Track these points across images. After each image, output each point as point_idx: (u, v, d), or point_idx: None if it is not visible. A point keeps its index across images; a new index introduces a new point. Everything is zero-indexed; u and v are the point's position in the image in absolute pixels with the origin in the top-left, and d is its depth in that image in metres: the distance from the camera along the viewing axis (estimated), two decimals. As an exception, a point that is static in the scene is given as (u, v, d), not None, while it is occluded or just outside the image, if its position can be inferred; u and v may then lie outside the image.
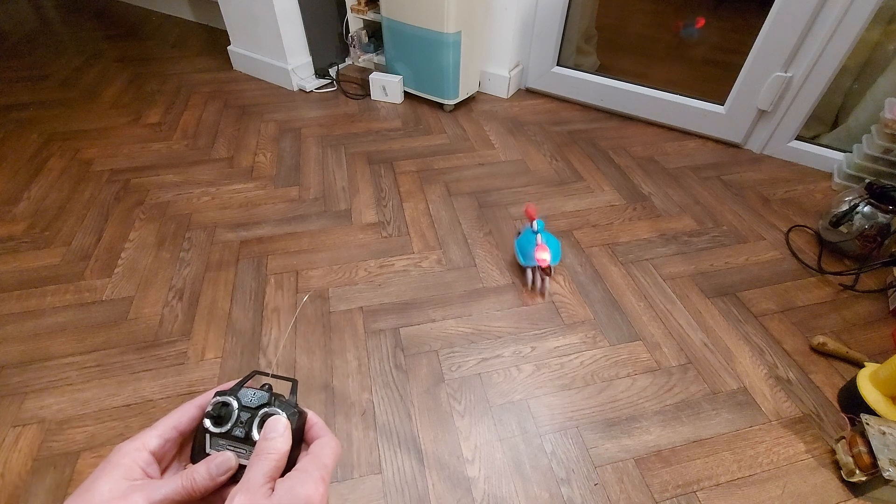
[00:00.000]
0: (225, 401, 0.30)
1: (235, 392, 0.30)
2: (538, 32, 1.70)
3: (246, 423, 0.29)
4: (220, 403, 0.30)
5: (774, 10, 1.30)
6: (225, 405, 0.30)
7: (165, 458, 0.29)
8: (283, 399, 0.31)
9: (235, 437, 0.29)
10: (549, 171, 1.45)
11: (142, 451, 0.28)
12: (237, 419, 0.29)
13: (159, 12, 2.61)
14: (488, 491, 0.75)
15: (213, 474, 0.27)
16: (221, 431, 0.29)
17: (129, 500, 0.25)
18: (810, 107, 1.39)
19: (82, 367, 0.91)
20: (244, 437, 0.29)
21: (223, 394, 0.30)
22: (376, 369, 0.92)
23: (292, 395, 0.32)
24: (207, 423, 0.29)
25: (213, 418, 0.29)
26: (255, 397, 0.30)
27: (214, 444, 0.29)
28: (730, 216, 1.29)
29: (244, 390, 0.31)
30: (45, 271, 1.10)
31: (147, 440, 0.28)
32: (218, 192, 1.35)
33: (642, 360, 0.94)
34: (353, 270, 1.11)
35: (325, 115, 1.72)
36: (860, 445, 0.74)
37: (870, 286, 1.09)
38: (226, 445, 0.29)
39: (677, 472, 0.78)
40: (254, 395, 0.30)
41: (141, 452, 0.28)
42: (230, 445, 0.29)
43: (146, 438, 0.28)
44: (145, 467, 0.27)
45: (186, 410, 0.31)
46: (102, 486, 0.26)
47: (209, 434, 0.29)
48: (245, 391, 0.30)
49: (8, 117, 1.66)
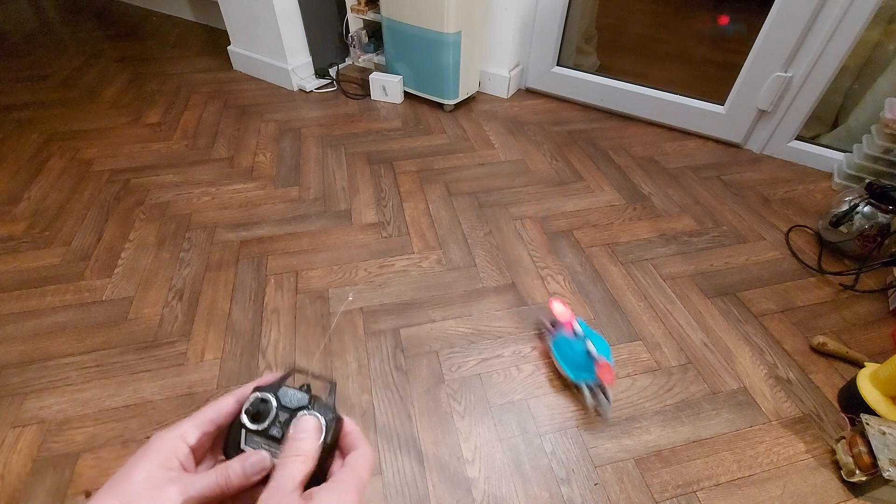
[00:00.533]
0: (264, 397, 0.29)
1: (275, 390, 0.30)
2: (538, 32, 1.70)
3: (283, 424, 0.29)
4: (259, 399, 0.29)
5: (774, 10, 1.30)
6: (264, 401, 0.29)
7: (201, 449, 0.29)
8: (322, 402, 0.30)
9: (272, 437, 0.29)
10: (549, 171, 1.45)
11: (180, 441, 0.28)
12: (275, 418, 0.29)
13: (159, 12, 2.61)
14: (488, 491, 0.75)
15: (247, 473, 0.27)
16: (258, 429, 0.29)
17: (165, 492, 0.25)
18: (810, 107, 1.39)
19: (82, 368, 0.91)
20: (280, 437, 0.29)
21: (262, 389, 0.30)
22: (376, 370, 0.92)
23: (330, 396, 0.31)
24: (245, 419, 0.29)
25: (250, 414, 0.29)
26: (295, 398, 0.30)
27: (250, 441, 0.29)
28: (730, 216, 1.29)
29: (284, 389, 0.30)
30: (45, 271, 1.10)
31: (186, 431, 0.28)
32: (218, 192, 1.35)
33: (642, 360, 0.94)
34: (353, 271, 1.11)
35: (325, 115, 1.72)
36: (860, 445, 0.74)
37: (870, 286, 1.09)
38: (261, 443, 0.29)
39: (677, 472, 0.78)
40: (293, 396, 0.30)
41: (180, 443, 0.27)
42: (265, 444, 0.29)
43: (185, 430, 0.28)
44: (183, 459, 0.27)
45: (226, 402, 0.30)
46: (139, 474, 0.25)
47: (245, 430, 0.29)
48: (285, 390, 0.30)
49: (8, 117, 1.66)
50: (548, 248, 1.18)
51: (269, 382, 0.31)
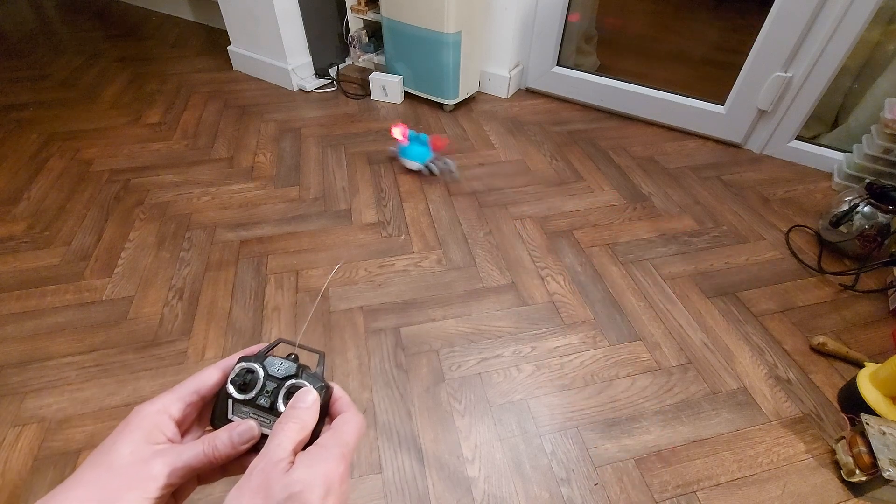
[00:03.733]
0: (251, 367, 0.29)
1: (261, 359, 0.29)
2: (538, 32, 1.70)
3: (272, 393, 0.28)
4: (245, 370, 0.29)
5: (774, 10, 1.31)
6: (250, 371, 0.29)
7: (186, 421, 0.29)
8: (310, 371, 0.30)
9: (260, 406, 0.28)
10: (549, 171, 1.45)
11: (163, 414, 0.27)
12: (262, 388, 0.28)
13: (159, 12, 2.61)
14: (488, 491, 0.75)
15: (234, 442, 0.27)
16: (246, 399, 0.28)
17: (151, 465, 0.25)
18: (810, 107, 1.39)
19: (82, 367, 0.91)
20: (269, 406, 0.28)
21: (248, 359, 0.29)
22: (376, 368, 0.92)
23: (319, 366, 0.30)
24: (231, 389, 0.28)
25: (237, 384, 0.28)
26: (283, 367, 0.29)
27: (237, 411, 0.28)
28: (730, 216, 1.29)
29: (270, 359, 0.30)
30: (45, 271, 1.10)
31: (168, 404, 0.28)
32: (218, 192, 1.35)
33: (642, 360, 0.94)
34: (354, 270, 1.11)
35: (325, 115, 1.72)
36: (860, 445, 0.74)
37: (870, 286, 1.09)
38: (249, 413, 0.28)
39: (677, 472, 0.78)
40: (280, 365, 0.29)
41: (162, 416, 0.27)
42: (253, 413, 0.28)
43: (167, 402, 0.28)
44: (167, 432, 0.27)
45: (210, 374, 0.30)
46: (123, 448, 0.25)
47: (232, 400, 0.28)
48: (271, 360, 0.29)
49: (8, 117, 1.66)
50: (548, 248, 1.18)
51: (255, 353, 0.30)
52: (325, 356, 0.32)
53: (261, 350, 0.30)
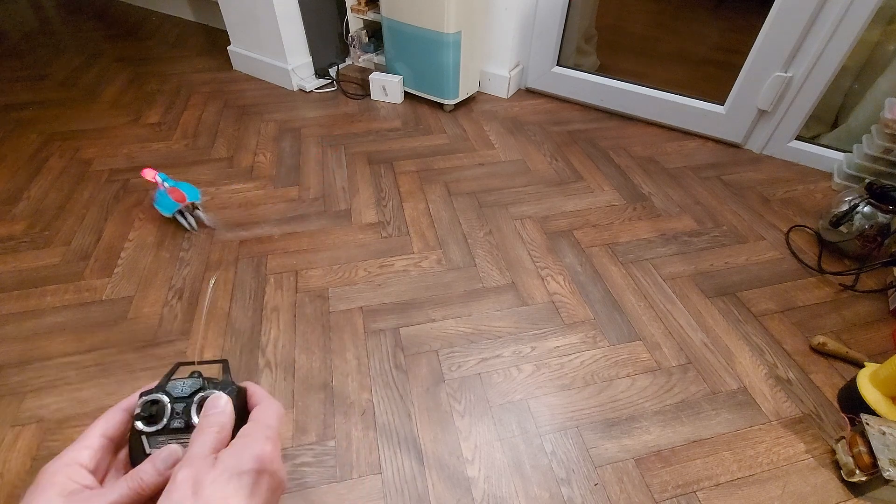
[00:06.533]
0: (154, 398, 0.29)
1: (163, 387, 0.29)
2: (538, 32, 1.70)
3: (183, 413, 0.28)
4: (148, 402, 0.28)
5: (774, 10, 1.30)
6: (154, 402, 0.28)
7: (100, 467, 0.27)
8: (217, 380, 0.30)
9: (175, 430, 0.28)
10: (549, 171, 1.45)
11: (72, 465, 0.26)
12: (172, 412, 0.28)
13: (159, 12, 2.61)
14: (488, 491, 0.75)
15: (159, 469, 0.26)
16: (158, 429, 0.28)
17: None
18: (810, 107, 1.39)
19: (81, 367, 0.91)
20: (185, 426, 0.28)
21: (149, 392, 0.29)
22: (376, 369, 0.92)
23: (225, 374, 0.30)
24: (140, 425, 0.28)
25: (144, 419, 0.28)
26: (187, 386, 0.29)
27: (154, 444, 0.28)
28: (730, 216, 1.29)
29: (172, 383, 0.29)
30: (45, 271, 1.10)
31: (76, 454, 0.26)
32: (218, 192, 1.35)
33: (642, 360, 0.94)
34: (353, 270, 1.11)
35: (325, 115, 1.72)
36: (860, 445, 0.74)
37: (870, 286, 1.09)
38: (167, 441, 0.28)
39: (677, 472, 0.78)
40: (184, 385, 0.29)
41: (72, 467, 0.26)
42: (171, 439, 0.28)
43: (74, 453, 0.26)
44: (80, 480, 0.25)
45: (112, 416, 0.29)
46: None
47: (145, 435, 0.28)
48: (174, 383, 0.29)
49: (8, 117, 1.66)
50: (548, 248, 1.18)
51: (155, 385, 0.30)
52: (227, 363, 0.32)
53: (160, 381, 0.30)
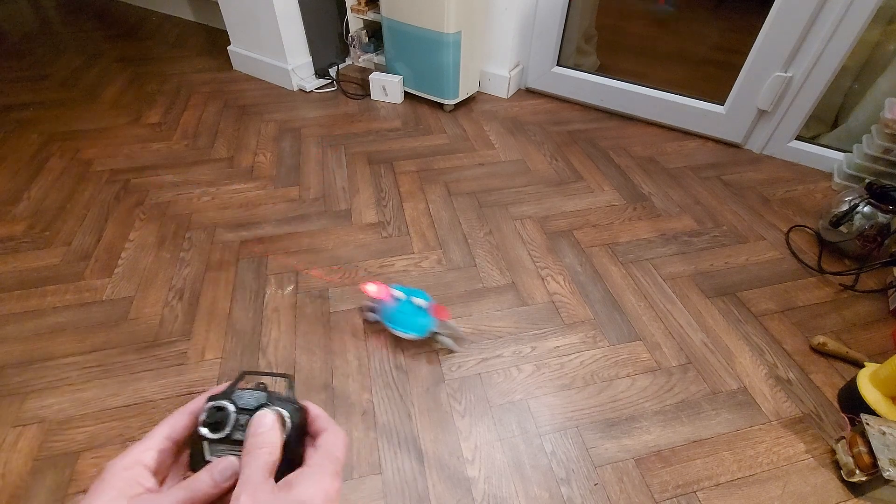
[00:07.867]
0: (220, 405, 0.29)
1: (230, 394, 0.29)
2: (538, 32, 1.70)
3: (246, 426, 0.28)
4: (214, 408, 0.28)
5: (774, 10, 1.30)
6: (220, 409, 0.28)
7: (161, 468, 0.28)
8: (281, 396, 0.30)
9: (236, 441, 0.28)
10: (549, 171, 1.45)
11: (136, 466, 0.26)
12: (236, 422, 0.28)
13: (159, 12, 2.61)
14: (488, 491, 0.75)
15: (217, 481, 0.26)
16: (220, 437, 0.28)
17: None
18: (810, 107, 1.39)
19: (83, 367, 0.91)
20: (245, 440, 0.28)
21: (216, 398, 0.29)
22: (376, 369, 0.92)
23: (289, 391, 0.31)
24: (204, 431, 0.28)
25: (209, 425, 0.28)
26: (252, 398, 0.29)
27: (214, 451, 0.28)
28: (730, 216, 1.29)
29: (238, 392, 0.29)
30: (46, 271, 1.10)
31: (140, 455, 0.27)
32: (218, 193, 1.35)
33: (642, 360, 0.94)
34: (353, 270, 1.11)
35: (325, 115, 1.72)
36: (860, 445, 0.74)
37: (870, 286, 1.09)
38: (226, 451, 0.28)
39: (677, 472, 0.78)
40: (250, 396, 0.29)
41: (136, 468, 0.26)
42: (231, 450, 0.28)
43: (138, 453, 0.27)
44: (143, 482, 0.26)
45: (178, 419, 0.29)
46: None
47: (207, 441, 0.28)
48: (240, 392, 0.29)
49: (8, 117, 1.66)
50: (548, 248, 1.18)
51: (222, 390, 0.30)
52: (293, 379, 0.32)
53: (227, 386, 0.30)
